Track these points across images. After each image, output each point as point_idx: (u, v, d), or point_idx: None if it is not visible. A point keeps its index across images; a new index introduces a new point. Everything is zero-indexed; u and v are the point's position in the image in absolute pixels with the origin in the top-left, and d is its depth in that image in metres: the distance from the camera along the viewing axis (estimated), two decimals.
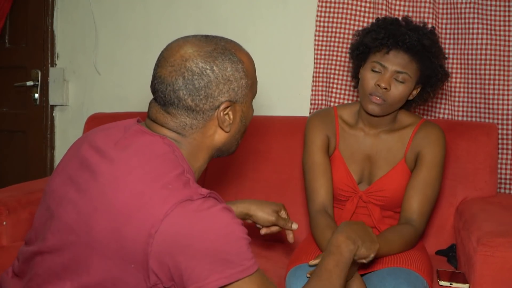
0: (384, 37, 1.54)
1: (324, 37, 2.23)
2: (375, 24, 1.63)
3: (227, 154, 1.15)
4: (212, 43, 1.04)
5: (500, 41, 2.02)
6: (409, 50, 1.52)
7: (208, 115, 1.03)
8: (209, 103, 1.02)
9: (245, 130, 1.15)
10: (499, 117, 2.04)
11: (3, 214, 1.82)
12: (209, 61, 1.01)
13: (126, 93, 2.61)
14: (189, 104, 1.01)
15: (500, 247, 1.41)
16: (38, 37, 2.73)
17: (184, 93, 1.00)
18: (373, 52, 1.57)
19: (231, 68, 1.03)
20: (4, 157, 2.89)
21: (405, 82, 1.54)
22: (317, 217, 1.59)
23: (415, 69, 1.55)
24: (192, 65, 1.00)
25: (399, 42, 1.52)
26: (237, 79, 1.04)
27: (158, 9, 2.53)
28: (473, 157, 1.90)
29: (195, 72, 1.00)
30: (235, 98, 1.05)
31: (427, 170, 1.59)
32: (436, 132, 1.62)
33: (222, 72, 1.01)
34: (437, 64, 1.58)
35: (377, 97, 1.54)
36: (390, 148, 1.65)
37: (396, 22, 1.59)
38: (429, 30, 1.59)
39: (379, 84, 1.52)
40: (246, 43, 2.70)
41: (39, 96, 2.74)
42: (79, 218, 0.96)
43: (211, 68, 1.00)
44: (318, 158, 1.65)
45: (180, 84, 1.00)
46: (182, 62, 1.00)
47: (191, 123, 1.03)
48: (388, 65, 1.53)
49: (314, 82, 2.26)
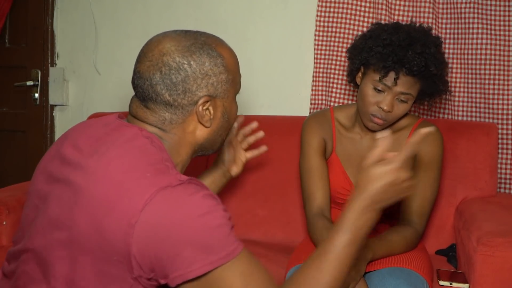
0: (391, 64, 1.46)
1: (324, 37, 2.23)
2: (380, 40, 1.51)
3: (211, 151, 1.15)
4: (191, 38, 1.03)
5: (500, 41, 2.02)
6: (417, 75, 1.47)
7: (187, 110, 1.03)
8: (188, 98, 1.01)
9: (229, 126, 1.14)
10: (499, 117, 2.04)
11: (3, 214, 1.82)
12: (187, 55, 1.01)
13: (126, 93, 2.60)
14: (167, 99, 1.01)
15: (500, 247, 1.41)
16: (38, 37, 2.73)
17: (162, 87, 1.00)
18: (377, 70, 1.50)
19: (209, 62, 1.02)
20: (4, 157, 2.89)
21: (407, 101, 1.51)
22: (314, 220, 1.59)
23: (418, 89, 1.52)
24: (169, 59, 1.00)
25: (407, 69, 1.46)
26: (216, 74, 1.03)
27: (158, 9, 2.53)
28: (473, 157, 1.90)
29: (172, 66, 1.00)
30: (215, 93, 1.04)
31: (426, 171, 1.58)
32: (434, 132, 1.61)
33: (199, 66, 1.01)
34: (442, 82, 1.55)
35: (379, 119, 1.51)
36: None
37: (403, 43, 1.48)
38: (435, 45, 1.51)
39: (382, 108, 1.49)
40: (246, 43, 2.70)
41: (39, 96, 2.74)
42: (62, 213, 0.96)
43: (188, 62, 1.00)
44: (315, 161, 1.64)
45: (158, 79, 1.00)
46: (160, 57, 1.00)
47: (170, 118, 1.03)
48: (392, 87, 1.48)
49: (314, 82, 2.26)
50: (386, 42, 1.50)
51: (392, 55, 1.47)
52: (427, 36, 1.52)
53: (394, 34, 1.51)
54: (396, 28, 1.53)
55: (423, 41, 1.49)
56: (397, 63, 1.46)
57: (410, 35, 1.50)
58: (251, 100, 2.38)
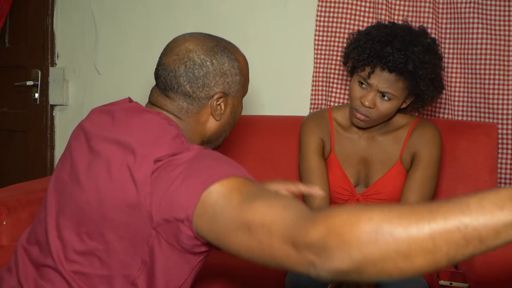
0: (368, 57, 1.47)
1: (324, 37, 2.23)
2: (362, 38, 1.53)
3: (213, 146, 1.21)
4: (214, 41, 1.15)
5: (500, 41, 2.02)
6: (394, 71, 1.45)
7: (203, 103, 1.12)
8: (205, 92, 1.11)
9: (233, 124, 1.22)
10: (499, 117, 2.04)
11: (3, 214, 1.82)
12: (210, 55, 1.12)
13: (126, 93, 2.59)
14: (187, 90, 1.11)
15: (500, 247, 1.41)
16: (38, 37, 2.73)
17: (184, 79, 1.10)
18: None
19: (228, 64, 1.13)
20: (4, 157, 2.89)
21: (391, 100, 1.49)
22: None
23: (402, 88, 1.49)
24: (195, 56, 1.11)
25: (382, 63, 1.45)
26: (232, 75, 1.14)
27: (158, 9, 2.53)
28: (473, 157, 1.90)
29: (196, 62, 1.10)
30: (228, 91, 1.14)
31: (423, 169, 1.58)
32: (432, 131, 1.61)
33: (220, 66, 1.12)
34: (427, 84, 1.50)
35: (361, 114, 1.52)
36: (386, 150, 1.64)
37: (383, 39, 1.47)
38: (423, 45, 1.48)
39: (363, 103, 1.50)
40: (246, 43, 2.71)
41: (39, 95, 2.74)
42: (89, 188, 1.01)
43: (211, 61, 1.11)
44: (314, 162, 1.63)
45: (182, 71, 1.10)
46: (186, 53, 1.11)
47: (187, 107, 1.12)
48: (372, 84, 1.48)
49: (314, 82, 2.26)
50: (368, 37, 1.52)
51: (370, 48, 1.48)
52: (414, 35, 1.49)
53: (379, 30, 1.52)
54: (386, 26, 1.54)
55: (408, 39, 1.47)
56: (374, 58, 1.46)
57: (394, 32, 1.49)
58: (251, 100, 2.38)
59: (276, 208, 0.84)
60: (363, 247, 0.71)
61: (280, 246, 0.79)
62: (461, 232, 0.71)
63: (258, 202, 0.86)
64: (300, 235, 0.77)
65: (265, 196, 0.88)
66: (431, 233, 0.71)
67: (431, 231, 0.71)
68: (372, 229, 0.71)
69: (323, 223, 0.75)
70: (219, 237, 0.89)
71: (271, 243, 0.81)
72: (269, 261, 0.83)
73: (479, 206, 0.71)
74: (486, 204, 0.71)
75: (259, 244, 0.83)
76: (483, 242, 0.72)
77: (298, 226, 0.78)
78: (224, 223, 0.88)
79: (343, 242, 0.72)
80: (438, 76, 1.54)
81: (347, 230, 0.73)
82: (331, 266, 0.74)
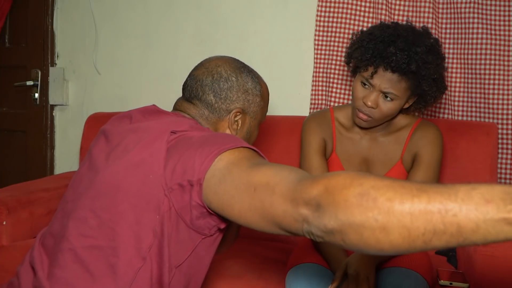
0: (371, 57, 1.47)
1: (324, 37, 2.23)
2: (365, 38, 1.53)
3: None
4: (242, 63, 1.26)
5: (500, 41, 2.02)
6: (397, 71, 1.45)
7: (222, 115, 1.21)
8: (226, 104, 1.20)
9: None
10: (499, 117, 2.04)
11: (3, 214, 1.82)
12: (236, 72, 1.22)
13: (126, 93, 2.61)
14: (211, 99, 1.19)
15: (500, 247, 1.41)
16: (38, 37, 2.74)
17: (209, 89, 1.20)
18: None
19: (251, 83, 1.23)
20: (4, 157, 2.89)
21: (393, 100, 1.49)
22: None
23: (405, 88, 1.49)
24: (222, 70, 1.21)
25: (385, 64, 1.45)
26: (253, 94, 1.24)
27: (158, 9, 2.53)
28: (473, 157, 1.90)
29: (222, 75, 1.21)
30: (247, 110, 1.23)
31: (424, 170, 1.57)
32: (433, 131, 1.60)
33: (244, 83, 1.22)
34: (430, 84, 1.50)
35: (363, 114, 1.52)
36: (387, 150, 1.64)
37: (386, 39, 1.47)
38: (426, 45, 1.47)
39: (365, 103, 1.49)
40: (246, 43, 2.70)
41: (39, 95, 2.74)
42: (105, 168, 1.06)
43: (236, 77, 1.22)
44: (315, 161, 1.63)
45: (208, 81, 1.20)
46: (215, 67, 1.22)
47: (207, 115, 1.20)
48: (375, 84, 1.48)
49: (314, 82, 2.26)
50: (371, 37, 1.51)
51: (373, 49, 1.48)
52: (417, 36, 1.49)
53: (382, 30, 1.51)
54: (389, 26, 1.53)
55: (411, 39, 1.47)
56: (377, 58, 1.46)
57: (397, 32, 1.49)
58: None
59: (283, 172, 0.88)
60: (348, 210, 0.74)
61: (279, 203, 0.84)
62: (441, 216, 0.70)
63: (266, 167, 0.91)
64: (299, 192, 0.81)
65: (273, 164, 0.93)
66: (411, 209, 0.71)
67: (412, 207, 0.71)
68: (359, 193, 0.74)
69: (322, 182, 0.79)
70: (224, 201, 0.93)
71: (272, 200, 0.85)
72: (267, 222, 0.87)
73: (467, 196, 0.70)
74: (474, 195, 0.70)
75: (261, 203, 0.87)
76: (460, 232, 0.70)
77: (300, 184, 0.83)
78: (231, 185, 0.92)
79: (333, 201, 0.76)
80: (441, 76, 1.53)
81: (338, 191, 0.76)
82: (321, 223, 0.77)
